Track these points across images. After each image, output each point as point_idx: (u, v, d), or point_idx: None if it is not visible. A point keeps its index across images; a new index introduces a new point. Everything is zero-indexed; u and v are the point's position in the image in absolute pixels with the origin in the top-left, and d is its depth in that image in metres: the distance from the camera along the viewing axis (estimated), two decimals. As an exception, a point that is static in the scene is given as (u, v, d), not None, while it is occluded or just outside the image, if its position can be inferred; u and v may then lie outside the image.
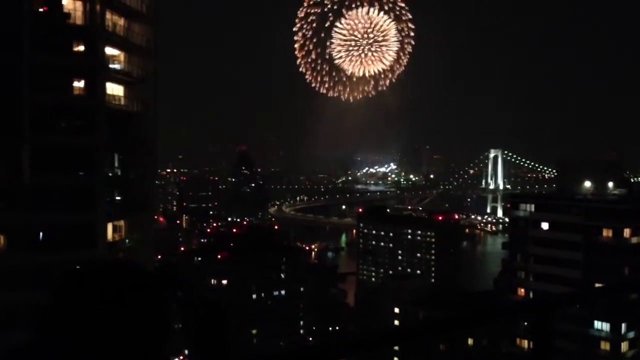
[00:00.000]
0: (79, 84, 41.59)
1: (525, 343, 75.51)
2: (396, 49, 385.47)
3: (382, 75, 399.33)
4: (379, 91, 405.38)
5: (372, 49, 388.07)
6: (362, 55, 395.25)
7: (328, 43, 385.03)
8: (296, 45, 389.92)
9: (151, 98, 47.52)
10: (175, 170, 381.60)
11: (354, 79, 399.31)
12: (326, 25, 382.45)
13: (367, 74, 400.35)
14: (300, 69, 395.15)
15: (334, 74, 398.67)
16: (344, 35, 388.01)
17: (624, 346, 70.68)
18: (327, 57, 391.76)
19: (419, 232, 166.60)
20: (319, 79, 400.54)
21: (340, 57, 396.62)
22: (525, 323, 71.84)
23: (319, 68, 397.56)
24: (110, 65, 43.44)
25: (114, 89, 43.93)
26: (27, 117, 37.86)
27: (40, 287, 31.78)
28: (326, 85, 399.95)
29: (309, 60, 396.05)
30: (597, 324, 70.93)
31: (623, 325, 70.18)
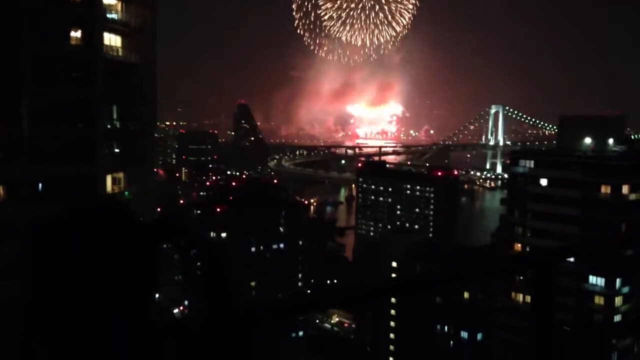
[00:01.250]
0: (76, 34, 41.00)
1: (520, 297, 76.56)
2: (410, 8, 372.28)
3: (386, 41, 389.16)
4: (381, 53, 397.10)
5: (376, 8, 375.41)
6: (363, 16, 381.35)
7: (321, 4, 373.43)
8: (294, 6, 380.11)
9: (149, 49, 46.95)
10: (174, 123, 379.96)
11: (354, 44, 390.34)
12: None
13: (368, 42, 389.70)
14: (299, 31, 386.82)
15: (332, 37, 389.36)
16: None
17: (618, 301, 71.73)
18: (324, 19, 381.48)
19: (418, 187, 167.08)
20: (317, 41, 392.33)
21: (339, 20, 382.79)
22: (521, 277, 72.80)
23: (317, 30, 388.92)
24: (108, 15, 42.75)
25: (112, 39, 43.33)
26: (28, 69, 37.41)
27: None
28: (325, 48, 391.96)
29: (307, 22, 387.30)
30: (592, 279, 71.84)
31: (618, 280, 71.09)
